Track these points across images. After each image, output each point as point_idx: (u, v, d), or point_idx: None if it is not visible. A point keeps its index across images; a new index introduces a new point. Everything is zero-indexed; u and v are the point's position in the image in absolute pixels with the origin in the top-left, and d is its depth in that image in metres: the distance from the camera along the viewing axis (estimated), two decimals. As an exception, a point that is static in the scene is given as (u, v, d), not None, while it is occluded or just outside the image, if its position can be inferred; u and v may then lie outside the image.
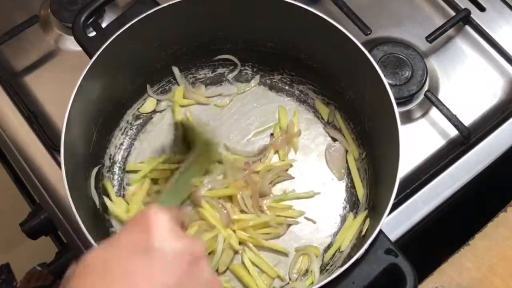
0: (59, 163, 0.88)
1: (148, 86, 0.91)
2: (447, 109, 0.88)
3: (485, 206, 0.91)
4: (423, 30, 0.96)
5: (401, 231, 0.83)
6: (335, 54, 0.83)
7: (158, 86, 0.93)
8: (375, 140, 0.83)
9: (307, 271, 0.81)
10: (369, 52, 0.79)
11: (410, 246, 0.82)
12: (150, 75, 0.91)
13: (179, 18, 0.83)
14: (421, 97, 0.92)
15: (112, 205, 0.84)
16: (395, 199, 0.70)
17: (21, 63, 0.99)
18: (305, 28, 0.82)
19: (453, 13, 0.98)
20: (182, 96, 0.92)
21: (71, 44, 0.98)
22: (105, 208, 0.84)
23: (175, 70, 0.92)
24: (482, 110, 0.92)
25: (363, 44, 0.77)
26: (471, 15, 0.96)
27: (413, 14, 0.99)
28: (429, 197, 0.85)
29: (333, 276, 0.68)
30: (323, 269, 0.81)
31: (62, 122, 0.74)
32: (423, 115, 0.91)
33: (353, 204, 0.85)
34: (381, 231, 0.70)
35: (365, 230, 0.77)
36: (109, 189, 0.85)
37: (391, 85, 0.89)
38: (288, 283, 0.81)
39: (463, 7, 0.97)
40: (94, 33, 0.85)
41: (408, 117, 0.91)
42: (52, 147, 0.90)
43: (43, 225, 0.93)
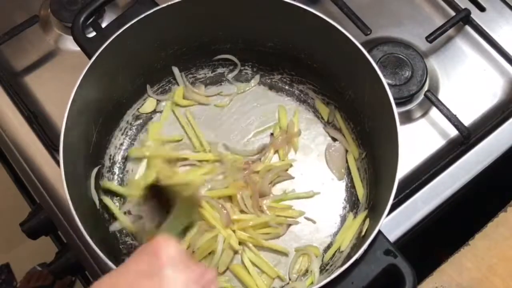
0: (59, 163, 0.88)
1: (148, 86, 0.91)
2: (447, 109, 0.88)
3: (485, 206, 0.91)
4: (423, 30, 0.96)
5: (400, 231, 0.83)
6: (335, 54, 0.83)
7: (158, 86, 0.93)
8: (375, 140, 0.83)
9: (307, 271, 0.81)
10: (369, 52, 0.79)
11: (410, 246, 0.82)
12: (150, 75, 0.91)
13: (179, 18, 0.84)
14: (421, 97, 0.92)
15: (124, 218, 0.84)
16: (394, 199, 0.70)
17: (21, 63, 0.99)
18: (305, 28, 0.82)
19: (453, 13, 0.98)
20: (182, 96, 0.92)
21: (71, 44, 0.98)
22: (105, 208, 0.84)
23: (175, 70, 0.92)
24: (482, 110, 0.92)
25: (363, 44, 0.77)
26: (471, 15, 0.96)
27: (413, 14, 0.99)
28: (429, 197, 0.85)
29: (332, 276, 0.68)
30: (323, 269, 0.81)
31: (62, 122, 0.74)
32: (423, 115, 0.91)
33: (353, 204, 0.85)
34: (380, 232, 0.70)
35: (365, 230, 0.77)
36: (112, 206, 0.85)
37: (391, 85, 0.89)
38: (288, 283, 0.81)
39: (463, 7, 0.97)
40: (94, 33, 0.85)
41: (408, 117, 0.91)
42: (52, 147, 0.90)
43: (43, 225, 0.93)
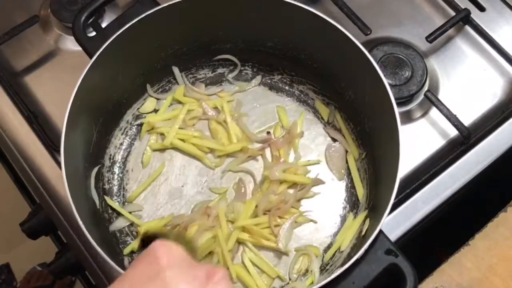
0: (59, 163, 0.88)
1: (148, 85, 0.91)
2: (447, 109, 0.88)
3: (485, 206, 0.91)
4: (423, 30, 0.95)
5: (401, 231, 0.83)
6: (335, 54, 0.83)
7: (158, 86, 0.93)
8: (375, 140, 0.83)
9: (307, 271, 0.81)
10: (369, 52, 0.79)
11: (410, 246, 0.82)
12: (150, 74, 0.91)
13: (179, 18, 0.83)
14: (421, 97, 0.92)
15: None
16: (395, 199, 0.70)
17: (21, 63, 0.99)
18: (305, 28, 0.82)
19: (453, 13, 0.98)
20: (182, 95, 0.92)
21: (71, 44, 0.98)
22: (105, 207, 0.84)
23: (175, 70, 0.92)
24: (482, 110, 0.92)
25: (363, 44, 0.77)
26: (471, 15, 0.96)
27: (413, 14, 0.99)
28: (429, 197, 0.85)
29: (333, 276, 0.68)
30: (323, 269, 0.81)
31: (62, 122, 0.74)
32: (423, 115, 0.91)
33: (353, 204, 0.85)
34: (381, 231, 0.70)
35: (365, 230, 0.77)
36: (115, 205, 0.85)
37: (391, 85, 0.89)
38: (288, 283, 0.81)
39: (463, 7, 0.97)
40: (94, 33, 0.85)
41: (408, 117, 0.91)
42: (52, 147, 0.90)
43: (43, 225, 0.93)
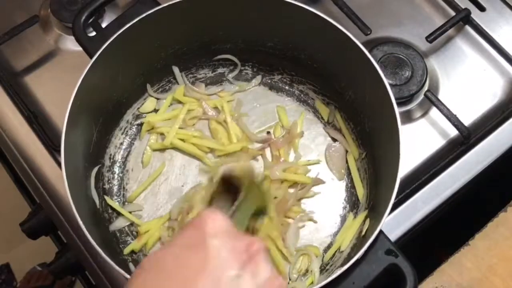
0: (59, 163, 0.88)
1: (149, 85, 0.91)
2: (447, 109, 0.88)
3: (485, 206, 0.91)
4: (423, 30, 0.95)
5: (401, 231, 0.83)
6: (335, 54, 0.83)
7: (158, 86, 0.93)
8: (375, 140, 0.83)
9: (307, 271, 0.81)
10: (369, 52, 0.79)
11: (410, 246, 0.82)
12: (150, 75, 0.91)
13: (179, 18, 0.83)
14: (421, 97, 0.92)
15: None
16: (395, 199, 0.70)
17: (21, 63, 0.99)
18: (305, 28, 0.82)
19: (453, 13, 0.98)
20: (182, 95, 0.92)
21: (71, 44, 0.98)
22: (105, 207, 0.84)
23: (175, 70, 0.92)
24: (482, 110, 0.92)
25: (363, 44, 0.77)
26: (471, 15, 0.96)
27: (413, 14, 0.99)
28: (429, 197, 0.85)
29: (333, 276, 0.68)
30: (323, 269, 0.81)
31: (62, 122, 0.74)
32: (423, 115, 0.91)
33: (353, 204, 0.85)
34: (381, 231, 0.70)
35: (365, 230, 0.77)
36: (115, 205, 0.85)
37: (391, 85, 0.89)
38: (288, 283, 0.81)
39: (463, 7, 0.97)
40: (94, 33, 0.85)
41: (408, 117, 0.91)
42: (52, 147, 0.90)
43: (43, 225, 0.93)
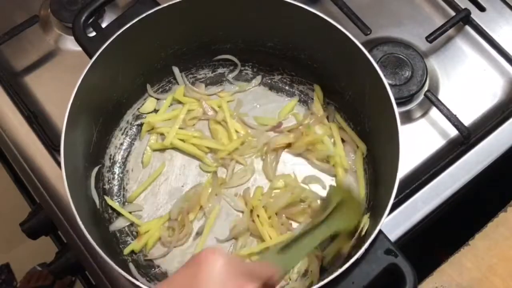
0: (59, 163, 0.88)
1: (149, 85, 0.91)
2: (447, 109, 0.88)
3: (485, 206, 0.91)
4: (423, 30, 0.95)
5: (401, 231, 0.83)
6: (335, 54, 0.83)
7: (158, 86, 0.93)
8: (375, 140, 0.83)
9: (306, 271, 0.81)
10: (369, 52, 0.79)
11: (410, 246, 0.82)
12: (150, 75, 0.91)
13: (179, 18, 0.83)
14: (421, 97, 0.92)
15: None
16: (395, 199, 0.70)
17: (21, 63, 0.99)
18: (305, 28, 0.82)
19: (453, 13, 0.98)
20: (182, 95, 0.92)
21: (71, 44, 0.98)
22: (105, 207, 0.84)
23: (175, 70, 0.92)
24: (482, 110, 0.92)
25: (363, 44, 0.77)
26: (471, 15, 0.96)
27: (413, 14, 0.99)
28: (429, 197, 0.85)
29: (333, 276, 0.68)
30: (323, 269, 0.80)
31: (62, 122, 0.74)
32: (423, 115, 0.91)
33: (353, 204, 0.85)
34: (381, 231, 0.70)
35: (365, 230, 0.77)
36: (115, 206, 0.85)
37: (391, 85, 0.89)
38: (288, 283, 0.81)
39: (463, 7, 0.97)
40: (94, 33, 0.85)
41: (408, 117, 0.91)
42: (52, 147, 0.90)
43: (43, 225, 0.93)
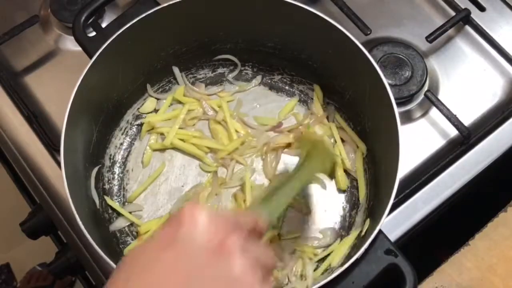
0: (59, 163, 0.88)
1: (148, 85, 0.91)
2: (447, 109, 0.88)
3: (485, 206, 0.91)
4: (423, 30, 0.95)
5: (401, 231, 0.83)
6: (335, 54, 0.83)
7: (158, 86, 0.93)
8: (375, 140, 0.83)
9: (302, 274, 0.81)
10: (369, 52, 0.79)
11: (410, 246, 0.82)
12: (150, 75, 0.91)
13: (179, 18, 0.83)
14: (421, 97, 0.92)
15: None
16: (394, 199, 0.70)
17: (21, 63, 0.99)
18: (305, 28, 0.82)
19: (453, 13, 0.98)
20: (182, 95, 0.92)
21: (71, 44, 0.98)
22: (105, 208, 0.84)
23: (175, 70, 0.92)
24: (482, 110, 0.92)
25: (363, 44, 0.77)
26: (471, 15, 0.96)
27: (413, 14, 0.99)
28: (429, 197, 0.85)
29: (332, 276, 0.68)
30: (322, 269, 0.80)
31: (62, 122, 0.74)
32: (423, 115, 0.91)
33: (353, 204, 0.85)
34: (381, 231, 0.70)
35: (365, 230, 0.77)
36: (115, 206, 0.85)
37: (391, 85, 0.89)
38: (288, 284, 0.81)
39: (463, 7, 0.97)
40: (94, 33, 0.85)
41: (408, 117, 0.91)
42: (52, 147, 0.90)
43: (43, 225, 0.93)
